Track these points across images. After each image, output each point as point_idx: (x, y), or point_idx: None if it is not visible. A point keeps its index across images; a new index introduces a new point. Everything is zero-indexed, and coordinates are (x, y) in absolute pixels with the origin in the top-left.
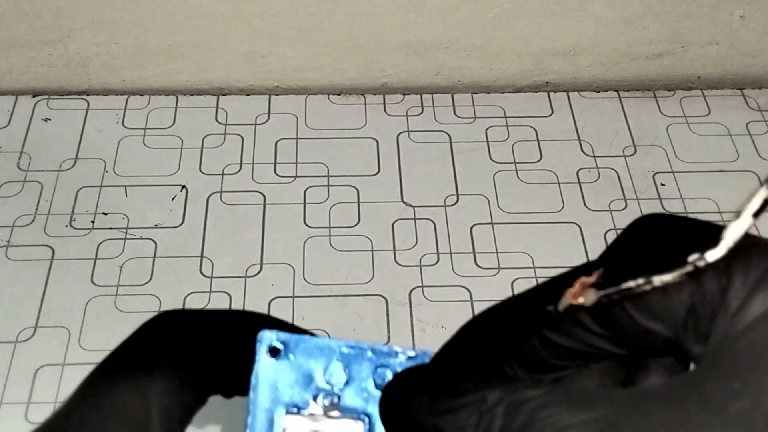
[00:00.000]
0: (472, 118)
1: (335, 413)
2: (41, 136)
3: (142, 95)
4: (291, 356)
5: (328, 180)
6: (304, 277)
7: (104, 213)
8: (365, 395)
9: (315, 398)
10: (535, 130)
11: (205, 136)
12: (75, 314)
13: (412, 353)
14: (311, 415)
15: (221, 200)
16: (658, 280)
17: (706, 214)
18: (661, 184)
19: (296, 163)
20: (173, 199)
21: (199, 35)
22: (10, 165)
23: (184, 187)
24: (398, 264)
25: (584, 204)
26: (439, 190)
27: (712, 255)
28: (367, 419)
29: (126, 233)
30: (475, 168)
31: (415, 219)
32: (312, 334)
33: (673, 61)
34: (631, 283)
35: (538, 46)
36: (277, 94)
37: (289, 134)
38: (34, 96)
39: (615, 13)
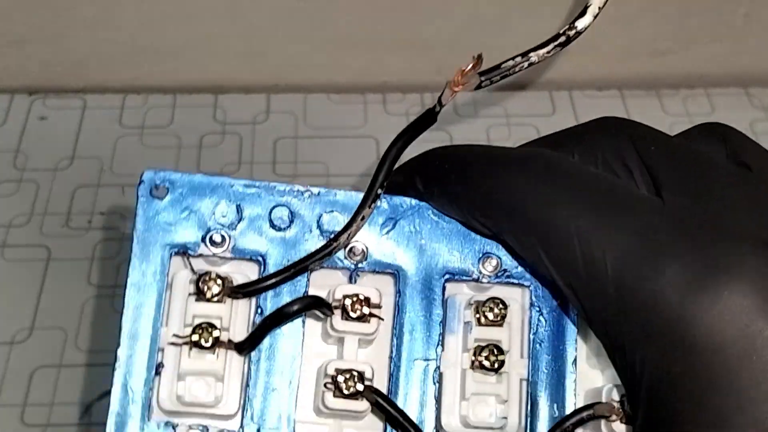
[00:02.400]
0: (473, 117)
1: (227, 254)
2: (37, 134)
3: (139, 94)
4: (176, 194)
5: (328, 179)
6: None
7: (101, 213)
8: (260, 235)
9: (204, 239)
10: (537, 130)
11: (203, 135)
12: (71, 315)
13: (315, 189)
14: (200, 255)
15: None
16: (535, 55)
17: None
18: None
19: (295, 162)
20: None
21: (197, 33)
22: (6, 164)
23: None
24: None
25: None
26: None
27: (581, 23)
28: (261, 259)
29: (123, 233)
30: None
31: None
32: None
33: (677, 60)
34: (509, 62)
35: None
36: (276, 93)
37: (288, 133)
38: (30, 94)
39: (617, 10)
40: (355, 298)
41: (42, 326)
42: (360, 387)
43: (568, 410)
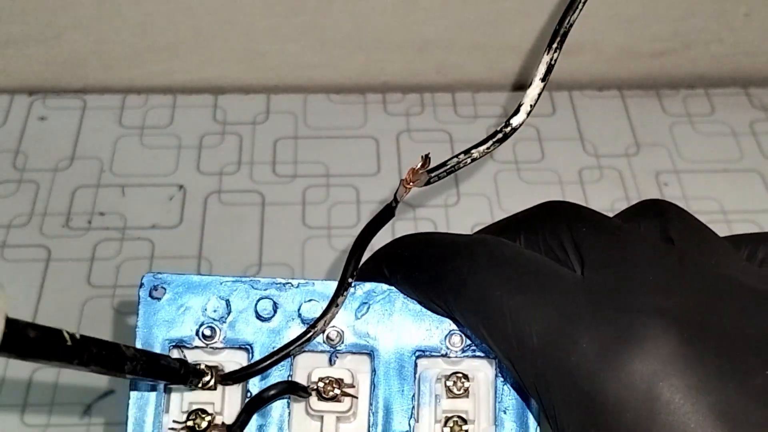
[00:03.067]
0: (473, 117)
1: (219, 344)
2: (37, 135)
3: (139, 94)
4: (171, 294)
5: (328, 180)
6: (303, 278)
7: (101, 213)
8: (247, 326)
9: (198, 332)
10: (537, 130)
11: (203, 136)
12: (71, 315)
13: (294, 282)
14: (195, 348)
15: (219, 200)
16: (477, 151)
17: (710, 213)
18: (664, 184)
19: (295, 162)
20: (171, 199)
21: (197, 33)
22: (6, 164)
23: (181, 186)
24: None
25: (586, 204)
26: (440, 189)
27: (516, 120)
28: (249, 348)
29: (123, 234)
30: (476, 167)
31: (415, 219)
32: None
33: (677, 60)
34: (453, 160)
35: (539, 44)
36: (275, 93)
37: (288, 133)
38: (30, 94)
39: (617, 10)
40: (327, 381)
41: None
42: None
43: None
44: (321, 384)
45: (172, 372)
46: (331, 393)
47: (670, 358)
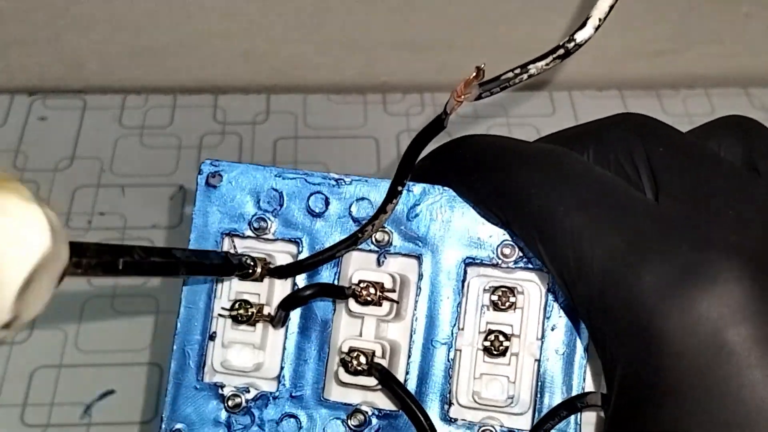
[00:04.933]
0: (473, 117)
1: (270, 236)
2: (37, 135)
3: (139, 94)
4: (228, 183)
5: None
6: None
7: (101, 213)
8: (297, 220)
9: (250, 223)
10: (537, 130)
11: (203, 135)
12: (71, 316)
13: (347, 179)
14: (247, 237)
15: None
16: (534, 67)
17: None
18: None
19: (295, 162)
20: (171, 198)
21: (197, 33)
22: (6, 164)
23: (181, 186)
24: None
25: None
26: None
27: (581, 35)
28: (299, 242)
29: (123, 233)
30: None
31: None
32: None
33: (677, 60)
34: (509, 74)
35: (539, 44)
36: (275, 93)
37: (287, 133)
38: (30, 94)
39: (617, 11)
40: (365, 285)
41: (42, 326)
42: (363, 367)
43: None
44: (357, 288)
45: (219, 267)
46: (367, 297)
47: (741, 304)
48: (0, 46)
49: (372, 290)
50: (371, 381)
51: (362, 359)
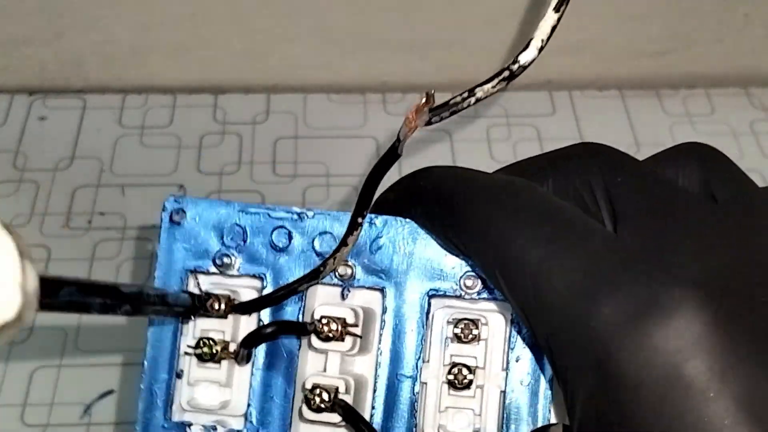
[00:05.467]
0: (473, 116)
1: (234, 272)
2: (37, 134)
3: (139, 93)
4: (192, 220)
5: (328, 180)
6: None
7: (101, 213)
8: (261, 255)
9: (214, 260)
10: (537, 130)
11: (203, 135)
12: (71, 315)
13: (310, 213)
14: (211, 274)
15: None
16: (480, 90)
17: None
18: None
19: (295, 162)
20: None
21: (197, 33)
22: (6, 164)
23: (181, 186)
24: None
25: None
26: None
27: (525, 57)
28: (263, 277)
29: (123, 233)
30: (477, 167)
31: None
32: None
33: (677, 60)
34: (457, 98)
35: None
36: (275, 93)
37: (288, 133)
38: (30, 94)
39: (617, 10)
40: (327, 321)
41: (42, 326)
42: (327, 403)
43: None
44: (319, 325)
45: (185, 306)
46: (329, 333)
47: (699, 337)
48: (0, 46)
49: (334, 326)
50: (336, 417)
51: (325, 396)
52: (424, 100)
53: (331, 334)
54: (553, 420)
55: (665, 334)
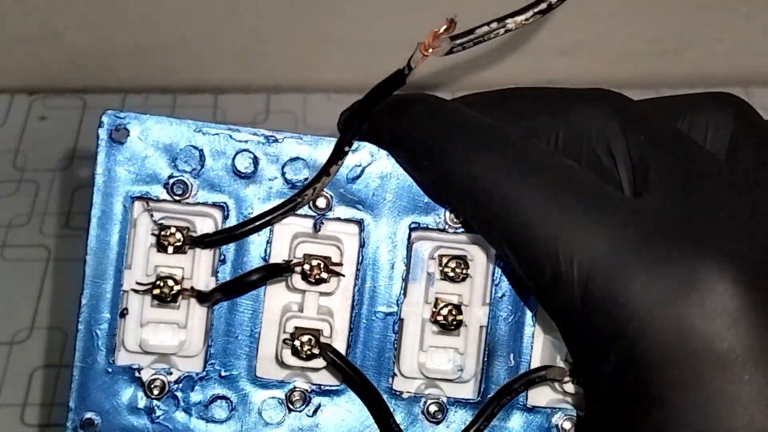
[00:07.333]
0: None
1: (190, 200)
2: (37, 134)
3: (139, 93)
4: (137, 139)
5: None
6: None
7: None
8: (222, 182)
9: (166, 186)
10: None
11: None
12: (71, 315)
13: (280, 136)
14: (162, 201)
15: None
16: (512, 21)
17: None
18: None
19: None
20: None
21: (196, 33)
22: (6, 164)
23: None
24: None
25: None
26: None
27: None
28: (225, 207)
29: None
30: None
31: None
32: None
33: (677, 60)
34: (484, 28)
35: (539, 45)
36: (275, 93)
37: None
38: (30, 94)
39: (617, 10)
40: (314, 263)
41: (42, 326)
42: (316, 351)
43: (524, 361)
44: (307, 266)
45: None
46: (317, 276)
47: (737, 316)
48: (0, 46)
49: (316, 263)
50: (317, 363)
51: (308, 340)
52: (444, 26)
53: (319, 277)
54: (536, 356)
55: (701, 315)
